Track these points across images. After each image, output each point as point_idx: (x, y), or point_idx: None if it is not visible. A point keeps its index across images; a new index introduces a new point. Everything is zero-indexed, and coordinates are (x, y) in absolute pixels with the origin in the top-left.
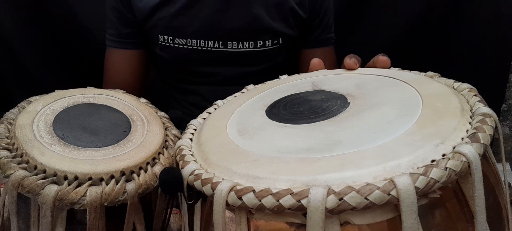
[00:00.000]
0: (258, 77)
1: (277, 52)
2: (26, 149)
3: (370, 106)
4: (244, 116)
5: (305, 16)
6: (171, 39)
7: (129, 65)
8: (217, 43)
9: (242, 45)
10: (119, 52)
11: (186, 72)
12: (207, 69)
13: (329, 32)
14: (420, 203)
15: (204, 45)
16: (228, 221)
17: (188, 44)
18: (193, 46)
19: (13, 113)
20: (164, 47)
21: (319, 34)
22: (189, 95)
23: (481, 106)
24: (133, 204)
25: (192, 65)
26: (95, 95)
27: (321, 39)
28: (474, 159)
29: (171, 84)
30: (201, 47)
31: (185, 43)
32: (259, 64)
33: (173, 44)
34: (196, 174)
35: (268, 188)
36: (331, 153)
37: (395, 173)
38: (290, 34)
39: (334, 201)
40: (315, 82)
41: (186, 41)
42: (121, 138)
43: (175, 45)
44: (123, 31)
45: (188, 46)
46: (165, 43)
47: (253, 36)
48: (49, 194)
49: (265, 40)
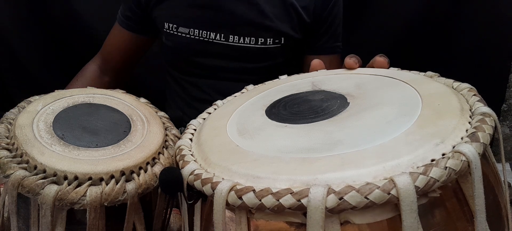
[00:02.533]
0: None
1: (278, 52)
2: (26, 149)
3: (370, 106)
4: (244, 115)
5: (308, 20)
6: (175, 28)
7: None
8: (219, 35)
9: (243, 40)
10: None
11: (187, 62)
12: (207, 61)
13: (336, 40)
14: (420, 202)
15: (206, 36)
16: (228, 220)
17: (190, 33)
18: (195, 36)
19: (13, 113)
20: (169, 35)
21: (325, 42)
22: (189, 87)
23: (480, 106)
24: (133, 204)
25: (193, 55)
26: (95, 95)
27: (327, 47)
28: (473, 158)
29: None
30: (202, 38)
31: (188, 32)
32: (259, 62)
33: (177, 32)
34: (196, 174)
35: (268, 188)
36: (331, 153)
37: (395, 172)
38: (292, 35)
39: (334, 200)
40: (315, 82)
41: (189, 30)
42: (121, 137)
43: (179, 33)
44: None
45: (190, 36)
46: (169, 31)
47: (254, 33)
48: (49, 194)
49: (267, 38)
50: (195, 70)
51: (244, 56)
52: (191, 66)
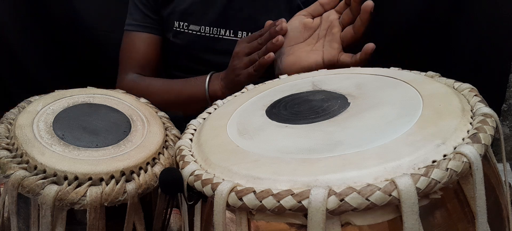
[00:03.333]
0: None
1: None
2: (26, 149)
3: (370, 106)
4: (244, 116)
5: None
6: (186, 26)
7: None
8: (229, 32)
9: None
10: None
11: (195, 60)
12: (215, 58)
13: None
14: (421, 204)
15: (216, 33)
16: (229, 221)
17: (201, 31)
18: (206, 34)
19: (13, 113)
20: (178, 33)
21: None
22: None
23: (482, 107)
24: (133, 204)
25: (202, 52)
26: (95, 95)
27: None
28: (475, 160)
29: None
30: (213, 35)
31: (199, 30)
32: None
33: (188, 30)
34: (196, 175)
35: (268, 189)
36: (332, 154)
37: (396, 174)
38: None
39: (335, 202)
40: (315, 82)
41: (200, 28)
42: (121, 138)
43: (189, 31)
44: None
45: (201, 33)
46: (179, 29)
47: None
48: (49, 194)
49: None
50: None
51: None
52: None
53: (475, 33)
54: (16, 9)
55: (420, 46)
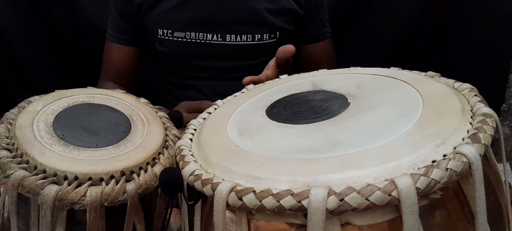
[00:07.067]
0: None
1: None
2: (26, 149)
3: (370, 106)
4: (244, 116)
5: (302, 12)
6: (170, 33)
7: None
8: (216, 36)
9: (240, 38)
10: (117, 47)
11: (185, 66)
12: (206, 63)
13: (324, 27)
14: (420, 204)
15: (202, 38)
16: (229, 221)
17: (187, 37)
18: (192, 39)
19: (13, 113)
20: (164, 41)
21: (315, 30)
22: (187, 90)
23: (481, 107)
24: (133, 204)
25: (191, 58)
26: (95, 95)
27: (318, 35)
28: (475, 160)
29: (168, 81)
30: (199, 40)
31: (184, 36)
32: (257, 58)
33: (172, 37)
34: (197, 175)
35: (268, 189)
36: (332, 153)
37: (396, 174)
38: (286, 28)
39: (335, 201)
40: (315, 82)
41: (185, 34)
42: (121, 138)
43: (174, 38)
44: (123, 27)
45: (187, 40)
46: (164, 37)
47: (251, 30)
48: (49, 194)
49: (263, 33)
50: (194, 73)
51: (243, 54)
52: (188, 70)
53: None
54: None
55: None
